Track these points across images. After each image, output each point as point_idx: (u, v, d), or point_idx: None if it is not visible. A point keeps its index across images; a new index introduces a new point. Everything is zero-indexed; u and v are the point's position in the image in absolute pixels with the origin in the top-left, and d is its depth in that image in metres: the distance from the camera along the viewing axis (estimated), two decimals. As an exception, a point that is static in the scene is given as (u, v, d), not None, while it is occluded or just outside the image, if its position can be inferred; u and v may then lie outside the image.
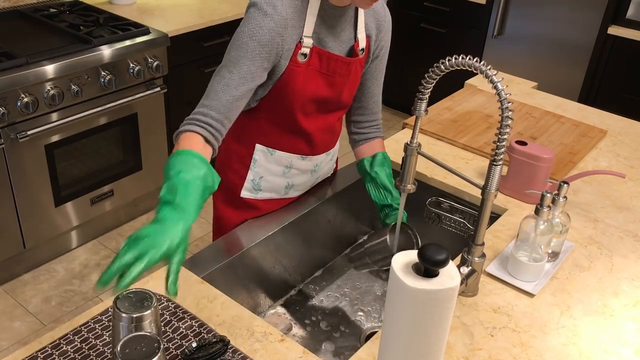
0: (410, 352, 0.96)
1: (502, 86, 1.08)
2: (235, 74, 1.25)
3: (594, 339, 1.19)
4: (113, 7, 2.92)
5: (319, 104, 1.40)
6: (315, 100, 1.38)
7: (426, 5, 3.77)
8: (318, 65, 1.34)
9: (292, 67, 1.31)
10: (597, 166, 1.78)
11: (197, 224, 2.99)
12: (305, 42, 1.30)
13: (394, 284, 0.93)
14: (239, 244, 1.42)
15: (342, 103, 1.45)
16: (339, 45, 1.37)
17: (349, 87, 1.43)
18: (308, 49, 1.31)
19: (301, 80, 1.33)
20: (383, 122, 4.25)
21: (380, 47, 1.46)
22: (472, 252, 1.22)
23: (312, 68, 1.33)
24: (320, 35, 1.33)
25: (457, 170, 1.24)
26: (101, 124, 2.58)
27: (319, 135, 1.47)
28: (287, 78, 1.32)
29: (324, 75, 1.36)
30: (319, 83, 1.36)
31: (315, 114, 1.42)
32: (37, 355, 1.06)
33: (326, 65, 1.35)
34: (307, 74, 1.34)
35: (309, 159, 1.50)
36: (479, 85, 2.22)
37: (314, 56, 1.33)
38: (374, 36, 1.43)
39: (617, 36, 3.15)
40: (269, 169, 1.48)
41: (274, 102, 1.37)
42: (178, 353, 1.08)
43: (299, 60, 1.31)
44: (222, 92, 1.25)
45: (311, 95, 1.37)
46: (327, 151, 1.54)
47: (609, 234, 1.50)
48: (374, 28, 1.42)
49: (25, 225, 2.47)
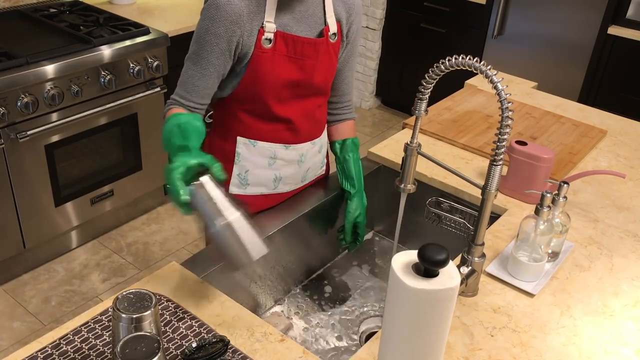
0: (410, 352, 0.96)
1: (502, 86, 1.08)
2: (198, 67, 1.34)
3: (594, 339, 1.19)
4: (113, 7, 2.92)
5: (292, 88, 1.41)
6: (287, 85, 1.40)
7: (426, 5, 3.76)
8: (285, 49, 1.36)
9: (258, 53, 1.34)
10: (597, 166, 1.78)
11: (197, 224, 2.98)
12: (267, 27, 1.33)
13: (394, 284, 0.93)
14: (239, 244, 1.42)
15: (317, 87, 1.46)
16: (308, 30, 1.39)
17: (320, 70, 1.43)
18: (272, 33, 1.33)
19: (269, 65, 1.35)
20: (383, 122, 4.26)
21: (352, 30, 1.48)
22: (472, 252, 1.22)
23: (278, 53, 1.36)
24: (283, 21, 1.35)
25: (457, 170, 1.24)
26: (101, 124, 2.58)
27: (299, 123, 1.47)
28: (255, 64, 1.35)
29: (292, 59, 1.38)
30: (288, 67, 1.38)
31: (291, 100, 1.43)
32: (37, 355, 1.06)
33: (292, 49, 1.37)
34: (274, 59, 1.36)
35: (293, 148, 1.50)
36: (479, 85, 2.22)
37: (278, 41, 1.35)
38: (344, 20, 1.45)
39: (617, 36, 3.15)
40: (253, 162, 1.48)
41: (247, 91, 1.39)
42: (178, 353, 1.08)
43: (264, 46, 1.34)
44: (191, 84, 1.36)
45: (282, 81, 1.38)
46: (312, 140, 1.53)
47: (609, 234, 1.50)
48: (343, 12, 1.44)
49: (25, 225, 2.47)
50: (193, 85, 1.35)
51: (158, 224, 2.99)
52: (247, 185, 1.50)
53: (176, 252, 2.80)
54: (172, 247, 2.83)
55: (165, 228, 2.96)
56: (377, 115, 4.23)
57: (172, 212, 3.07)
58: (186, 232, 2.94)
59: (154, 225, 2.98)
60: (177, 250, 2.81)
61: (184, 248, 2.83)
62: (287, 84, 1.39)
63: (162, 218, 3.03)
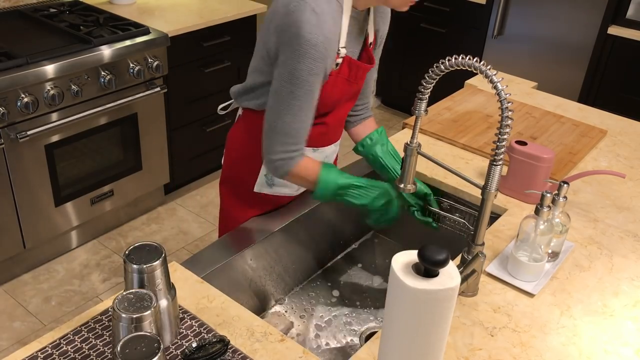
0: (410, 352, 0.96)
1: (502, 86, 1.08)
2: (305, 109, 1.29)
3: (594, 339, 1.19)
4: (113, 7, 2.92)
5: (337, 103, 1.43)
6: (335, 102, 1.42)
7: (426, 5, 3.76)
8: (347, 73, 1.37)
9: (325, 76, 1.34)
10: (597, 166, 1.78)
11: (197, 224, 2.99)
12: (341, 52, 1.32)
13: (394, 284, 0.93)
14: (239, 244, 1.42)
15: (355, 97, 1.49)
16: (357, 46, 1.40)
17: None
18: (342, 58, 1.33)
19: (329, 88, 1.35)
20: (383, 122, 4.27)
21: (382, 36, 1.49)
22: (472, 252, 1.22)
23: (341, 76, 1.36)
24: (347, 43, 1.35)
25: (457, 170, 1.24)
26: (101, 124, 2.58)
27: (332, 128, 1.49)
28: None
29: (348, 82, 1.39)
30: (344, 89, 1.39)
31: (332, 110, 1.45)
32: (37, 355, 1.06)
33: (353, 74, 1.38)
34: (335, 82, 1.36)
35: (320, 151, 1.52)
36: (479, 85, 2.22)
37: (344, 65, 1.35)
38: (380, 28, 1.46)
39: (617, 36, 3.15)
40: None
41: None
42: (178, 353, 1.08)
43: (332, 69, 1.33)
44: (300, 128, 1.31)
45: (334, 100, 1.40)
46: (335, 142, 1.56)
47: (609, 234, 1.50)
48: (379, 21, 1.45)
49: (25, 225, 2.47)
50: (302, 129, 1.31)
51: (158, 224, 2.99)
52: (273, 185, 1.52)
53: (176, 252, 2.80)
54: (172, 247, 2.83)
55: (165, 228, 2.96)
56: (377, 115, 4.23)
57: (172, 212, 3.07)
58: (186, 232, 2.94)
59: (154, 225, 2.98)
60: (177, 250, 2.81)
61: (184, 248, 2.83)
62: (336, 101, 1.41)
63: (162, 218, 3.03)
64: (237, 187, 1.54)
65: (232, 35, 3.01)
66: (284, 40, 1.24)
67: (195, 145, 3.11)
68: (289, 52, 1.24)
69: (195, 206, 3.14)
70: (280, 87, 1.27)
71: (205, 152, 3.19)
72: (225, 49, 3.03)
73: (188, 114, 2.97)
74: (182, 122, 2.96)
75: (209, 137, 3.15)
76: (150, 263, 1.01)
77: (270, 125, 1.31)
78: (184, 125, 2.98)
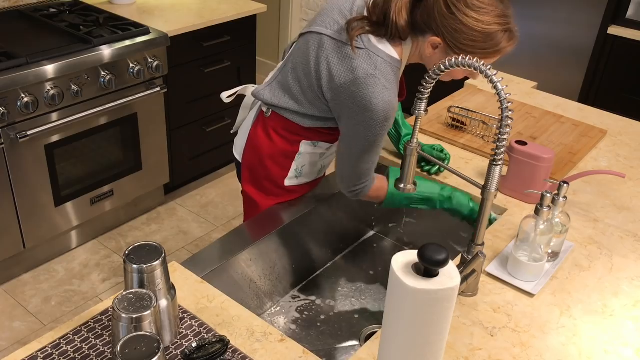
0: (410, 352, 0.96)
1: (502, 86, 1.08)
2: (374, 153, 1.41)
3: (594, 339, 1.19)
4: (113, 7, 2.92)
5: None
6: None
7: (426, 5, 3.76)
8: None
9: None
10: (597, 166, 1.78)
11: (197, 224, 2.99)
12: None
13: (394, 284, 0.93)
14: (239, 244, 1.42)
15: None
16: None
17: None
18: None
19: None
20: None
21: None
22: (472, 252, 1.22)
23: None
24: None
25: (457, 170, 1.24)
26: (101, 124, 2.58)
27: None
28: None
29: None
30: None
31: None
32: (37, 355, 1.06)
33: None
34: None
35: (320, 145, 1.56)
36: (479, 85, 2.22)
37: None
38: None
39: (617, 36, 3.15)
40: (310, 159, 1.56)
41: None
42: (178, 353, 1.08)
43: None
44: (373, 167, 1.44)
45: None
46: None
47: (608, 234, 1.50)
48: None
49: (25, 225, 2.47)
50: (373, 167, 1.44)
51: (158, 224, 2.99)
52: (300, 176, 1.58)
53: (176, 252, 2.80)
54: (172, 247, 2.83)
55: (165, 228, 2.96)
56: (377, 115, 4.23)
57: (172, 212, 3.07)
58: (186, 232, 2.94)
59: (154, 225, 2.98)
60: (177, 250, 2.81)
61: (184, 248, 2.83)
62: None
63: (162, 218, 3.03)
64: (264, 183, 1.57)
65: (232, 35, 3.01)
66: (354, 109, 1.33)
67: (195, 145, 3.11)
68: (360, 118, 1.33)
69: (195, 206, 3.14)
70: (351, 142, 1.38)
71: (205, 152, 3.19)
72: (225, 49, 3.03)
73: (188, 114, 2.97)
74: (182, 122, 2.96)
75: (209, 137, 3.15)
76: (150, 263, 1.01)
77: (343, 167, 1.44)
78: (183, 125, 2.98)
